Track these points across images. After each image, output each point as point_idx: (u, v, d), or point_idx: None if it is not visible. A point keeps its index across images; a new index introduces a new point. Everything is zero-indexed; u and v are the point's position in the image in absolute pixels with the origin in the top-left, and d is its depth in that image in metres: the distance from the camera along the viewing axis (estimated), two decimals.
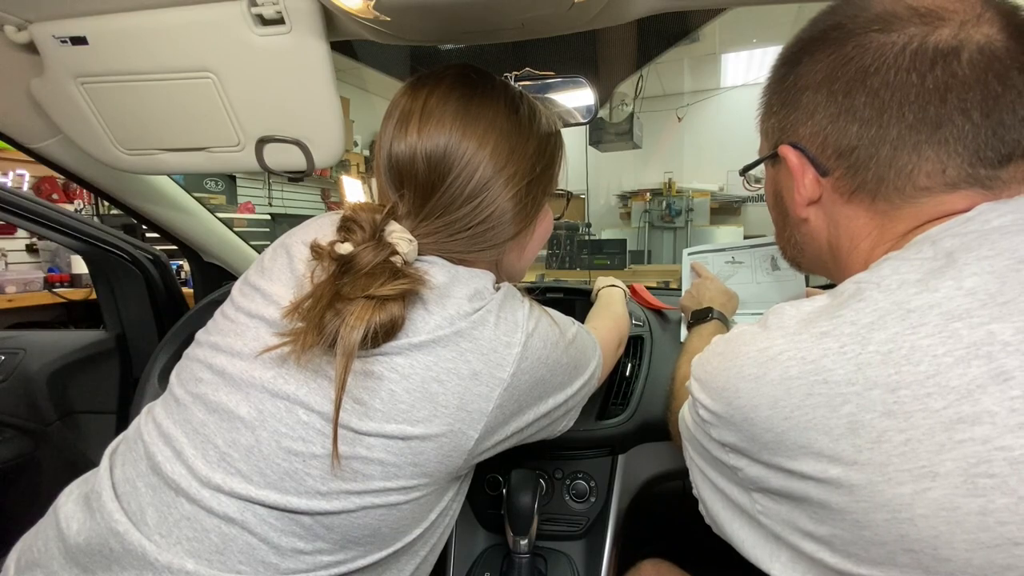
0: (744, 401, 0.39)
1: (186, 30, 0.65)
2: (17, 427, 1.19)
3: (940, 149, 0.40)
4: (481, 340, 0.50)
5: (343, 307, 0.46)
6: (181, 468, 0.47)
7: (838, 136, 0.43)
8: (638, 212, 6.20)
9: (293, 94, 0.70)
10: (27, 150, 0.90)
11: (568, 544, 0.84)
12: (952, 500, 0.31)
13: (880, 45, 0.40)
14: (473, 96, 0.55)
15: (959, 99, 0.38)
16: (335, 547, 0.48)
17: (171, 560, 0.44)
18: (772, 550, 0.41)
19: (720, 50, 5.05)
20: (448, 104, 0.54)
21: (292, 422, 0.47)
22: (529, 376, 0.52)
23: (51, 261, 2.65)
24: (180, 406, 0.51)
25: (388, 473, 0.47)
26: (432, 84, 0.56)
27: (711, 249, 1.03)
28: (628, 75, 2.94)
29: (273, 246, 0.59)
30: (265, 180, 4.45)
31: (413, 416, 0.47)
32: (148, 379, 0.97)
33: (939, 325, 0.33)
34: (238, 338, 0.51)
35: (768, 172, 0.54)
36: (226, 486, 0.46)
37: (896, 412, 0.32)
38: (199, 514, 0.46)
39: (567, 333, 0.58)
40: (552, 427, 0.61)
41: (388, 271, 0.48)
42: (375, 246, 0.50)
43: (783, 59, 0.48)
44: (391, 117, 0.56)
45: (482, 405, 0.49)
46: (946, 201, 0.41)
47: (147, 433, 0.50)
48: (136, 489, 0.48)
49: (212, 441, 0.47)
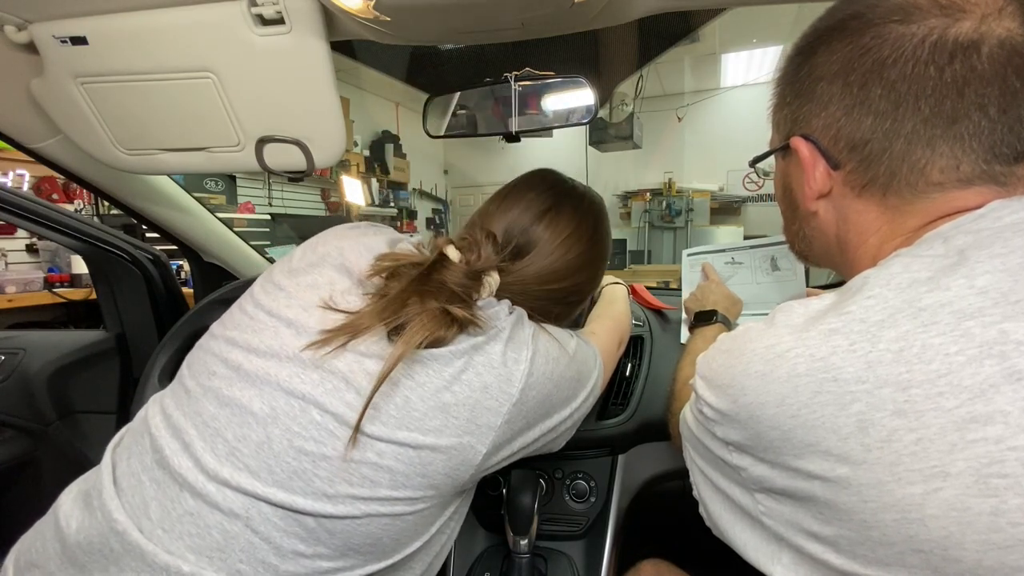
0: (750, 399, 0.39)
1: (186, 30, 0.65)
2: (17, 427, 1.19)
3: (955, 144, 0.39)
4: (493, 355, 0.51)
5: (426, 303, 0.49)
6: (188, 461, 0.47)
7: (852, 128, 0.42)
8: (638, 212, 6.20)
9: (293, 94, 0.70)
10: (27, 150, 0.90)
11: (568, 544, 0.84)
12: (963, 500, 0.30)
13: (899, 36, 0.39)
14: (596, 227, 0.68)
15: (977, 94, 0.37)
16: (335, 553, 0.48)
17: (168, 561, 0.44)
18: (774, 552, 0.41)
19: (720, 50, 5.05)
20: (585, 227, 0.66)
21: (305, 422, 0.47)
22: (537, 392, 0.54)
23: (51, 261, 2.65)
24: (191, 398, 0.50)
25: (396, 482, 0.48)
26: (577, 199, 0.68)
27: (711, 250, 1.03)
28: (628, 75, 2.94)
29: (304, 248, 0.59)
30: (265, 180, 4.45)
31: (425, 425, 0.48)
32: (148, 379, 0.96)
33: (951, 324, 0.33)
34: (256, 335, 0.51)
35: (778, 164, 0.53)
36: (233, 481, 0.46)
37: (907, 411, 0.32)
38: (203, 509, 0.46)
39: (567, 347, 0.60)
40: (556, 441, 0.63)
41: (467, 301, 0.53)
42: (473, 276, 0.55)
43: (799, 49, 0.47)
44: (539, 202, 0.65)
45: (492, 419, 0.50)
46: (959, 197, 0.40)
47: (155, 426, 0.50)
48: (141, 483, 0.48)
49: (222, 435, 0.47)
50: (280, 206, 4.62)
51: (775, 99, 0.51)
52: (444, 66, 2.06)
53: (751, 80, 5.76)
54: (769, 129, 0.53)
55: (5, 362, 1.19)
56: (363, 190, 4.92)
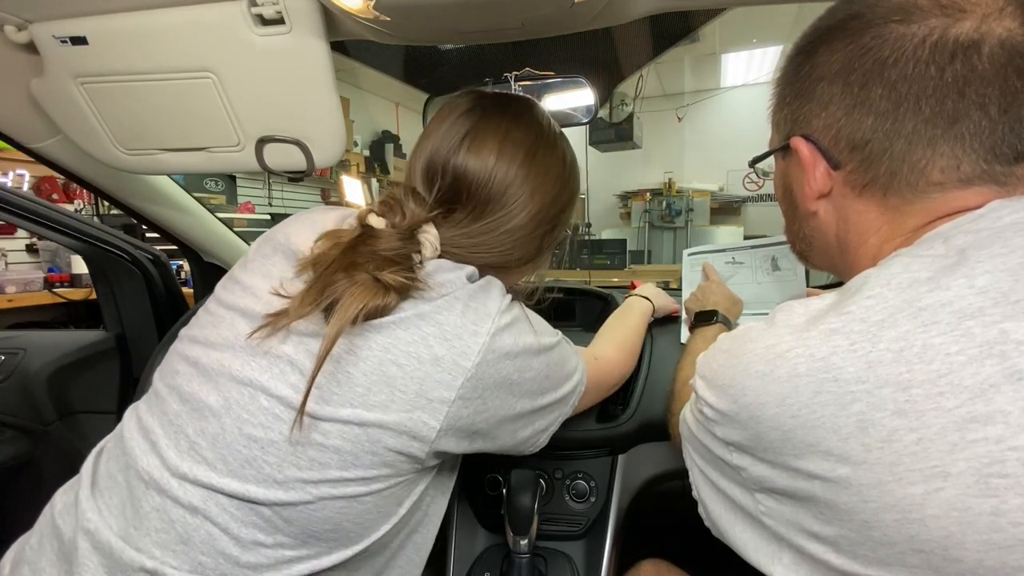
0: (751, 399, 0.39)
1: (186, 30, 0.65)
2: (17, 427, 1.19)
3: (956, 144, 0.39)
4: (446, 325, 0.49)
5: (354, 277, 0.47)
6: (155, 460, 0.48)
7: (852, 128, 0.42)
8: (638, 212, 6.20)
9: (293, 94, 0.70)
10: (27, 150, 0.90)
11: (568, 544, 0.84)
12: (964, 500, 0.30)
13: (900, 36, 0.39)
14: (541, 146, 0.59)
15: (978, 94, 0.38)
16: (296, 541, 0.48)
17: (134, 557, 0.45)
18: (774, 552, 0.41)
19: (720, 50, 5.05)
20: (523, 145, 0.57)
21: (254, 408, 0.47)
22: (495, 371, 0.50)
23: (51, 261, 2.65)
24: (159, 399, 0.52)
25: (345, 462, 0.47)
26: (512, 116, 0.59)
27: (711, 250, 1.03)
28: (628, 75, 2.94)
29: (258, 241, 0.59)
30: (265, 180, 4.45)
31: (369, 400, 0.46)
32: (148, 379, 0.96)
33: (951, 323, 0.33)
34: (213, 329, 0.52)
35: (778, 164, 0.53)
36: (191, 475, 0.46)
37: (907, 411, 0.32)
38: (167, 504, 0.46)
39: (542, 340, 0.56)
40: (527, 443, 0.59)
41: (404, 264, 0.49)
42: (405, 236, 0.51)
43: (799, 49, 0.47)
44: (459, 126, 0.57)
45: (443, 393, 0.48)
46: (959, 197, 0.40)
47: (128, 430, 0.52)
48: (116, 484, 0.49)
49: (184, 431, 0.48)
50: (280, 206, 4.62)
51: (775, 99, 0.51)
52: (444, 66, 2.06)
53: (751, 80, 5.76)
54: (769, 129, 0.53)
55: (5, 362, 1.19)
56: (363, 190, 4.92)
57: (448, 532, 0.85)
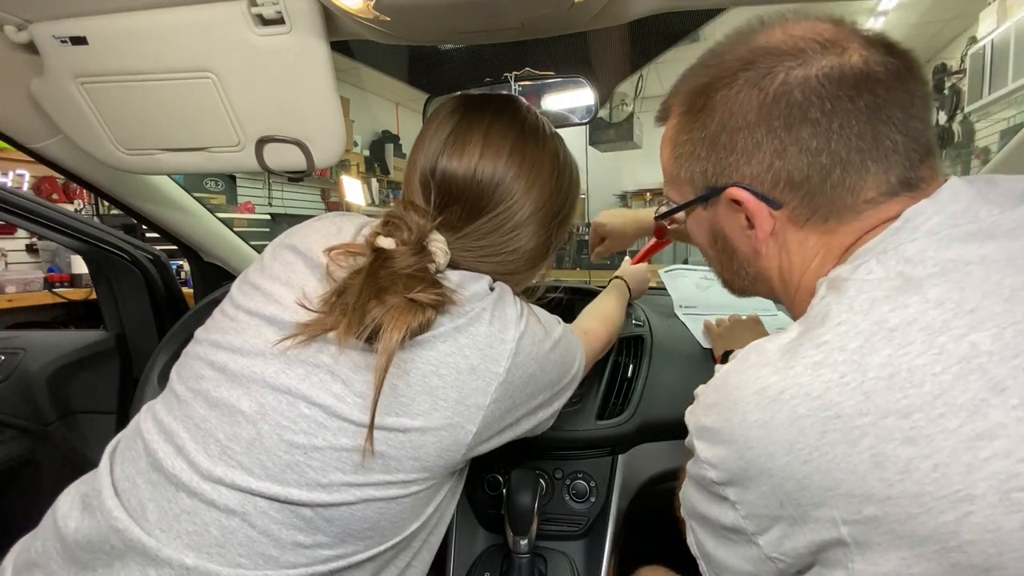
0: (757, 451, 0.37)
1: (186, 30, 0.65)
2: (17, 427, 1.19)
3: (882, 162, 0.42)
4: (478, 336, 0.52)
5: (387, 301, 0.48)
6: (182, 463, 0.48)
7: (789, 169, 0.43)
8: None
9: (293, 94, 0.70)
10: (27, 150, 0.90)
11: (568, 544, 0.84)
12: (994, 520, 0.30)
13: (804, 79, 0.42)
14: (529, 139, 0.60)
15: (887, 114, 0.41)
16: (335, 540, 0.48)
17: (171, 555, 0.45)
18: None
19: None
20: (507, 140, 0.59)
21: (294, 415, 0.47)
22: (522, 371, 0.54)
23: (51, 261, 2.65)
24: (181, 402, 0.51)
25: (389, 466, 0.49)
26: (492, 113, 0.60)
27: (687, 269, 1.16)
28: (628, 75, 2.94)
29: (273, 245, 0.59)
30: (265, 180, 4.46)
31: (413, 410, 0.49)
32: (148, 379, 0.96)
33: (925, 342, 0.33)
34: (238, 335, 0.52)
35: (697, 215, 0.54)
36: (227, 479, 0.46)
37: (916, 438, 0.32)
38: (199, 508, 0.46)
39: (553, 332, 0.60)
40: (541, 425, 0.63)
41: (427, 278, 0.51)
42: (416, 251, 0.53)
43: (687, 107, 0.49)
44: (442, 130, 0.59)
45: (479, 399, 0.51)
46: (883, 210, 0.43)
47: (147, 431, 0.51)
48: (136, 486, 0.48)
49: (214, 435, 0.48)
50: (280, 206, 4.62)
51: (679, 158, 0.52)
52: (444, 66, 2.06)
53: None
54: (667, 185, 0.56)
55: (5, 362, 1.19)
56: (363, 190, 4.92)
57: (448, 532, 0.85)
